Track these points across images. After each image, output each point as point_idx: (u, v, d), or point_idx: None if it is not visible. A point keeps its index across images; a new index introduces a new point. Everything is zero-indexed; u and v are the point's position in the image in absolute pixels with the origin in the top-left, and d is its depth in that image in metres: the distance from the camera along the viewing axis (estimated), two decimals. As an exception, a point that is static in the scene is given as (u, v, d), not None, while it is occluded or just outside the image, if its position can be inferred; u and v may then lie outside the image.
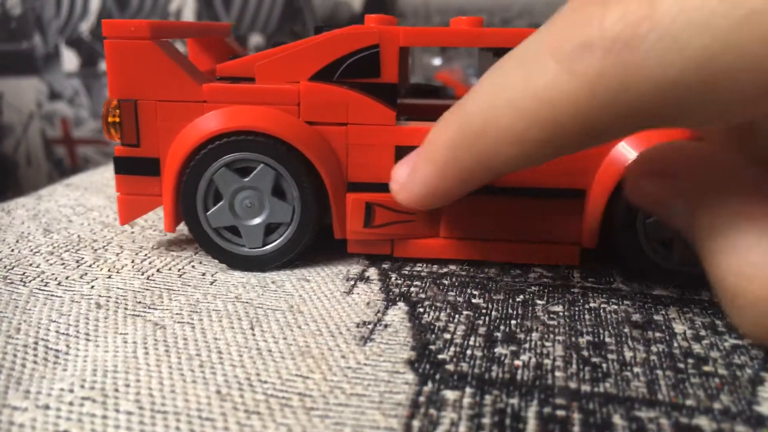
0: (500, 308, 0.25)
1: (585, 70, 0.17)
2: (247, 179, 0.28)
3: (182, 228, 0.32)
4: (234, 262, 0.29)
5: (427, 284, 0.27)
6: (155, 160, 0.29)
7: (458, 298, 0.26)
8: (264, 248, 0.29)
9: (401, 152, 0.28)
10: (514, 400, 0.19)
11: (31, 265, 0.29)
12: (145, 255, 0.30)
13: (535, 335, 0.23)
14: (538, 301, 0.26)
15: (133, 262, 0.29)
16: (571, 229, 0.29)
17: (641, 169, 0.23)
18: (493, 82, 0.20)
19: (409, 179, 0.23)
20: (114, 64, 0.28)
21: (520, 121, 0.19)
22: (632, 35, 0.16)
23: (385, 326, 0.24)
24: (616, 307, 0.25)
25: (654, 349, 0.22)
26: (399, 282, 0.28)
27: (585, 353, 0.22)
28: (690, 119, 0.18)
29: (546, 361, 0.21)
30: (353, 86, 0.27)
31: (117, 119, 0.28)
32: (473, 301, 0.26)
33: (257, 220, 0.28)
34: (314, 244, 0.29)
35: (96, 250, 0.31)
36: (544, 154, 0.20)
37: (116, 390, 0.19)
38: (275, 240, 0.29)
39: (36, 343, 0.22)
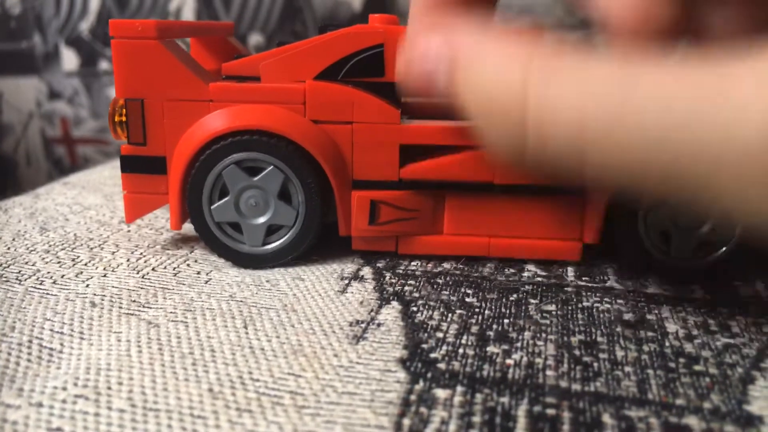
0: (493, 307, 0.25)
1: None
2: (255, 179, 0.28)
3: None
4: (235, 258, 0.29)
5: (421, 283, 0.27)
6: (161, 159, 0.29)
7: (452, 297, 0.26)
8: (265, 247, 0.29)
9: (406, 150, 0.28)
10: (505, 399, 0.19)
11: (26, 263, 0.29)
12: (141, 254, 0.30)
13: (527, 334, 0.23)
14: (532, 300, 0.26)
15: (128, 260, 0.29)
16: (573, 226, 0.29)
17: None
18: None
19: None
20: (121, 63, 0.28)
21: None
22: None
23: (378, 325, 0.24)
24: (609, 306, 0.26)
25: (645, 348, 0.22)
26: (393, 281, 0.28)
27: (577, 352, 0.22)
28: None
29: (537, 360, 0.21)
30: (358, 85, 0.27)
31: (124, 118, 0.28)
32: (467, 300, 0.26)
33: (260, 220, 0.28)
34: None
35: (92, 248, 0.31)
36: None
37: (109, 388, 0.19)
38: (276, 240, 0.29)
39: (30, 341, 0.22)
